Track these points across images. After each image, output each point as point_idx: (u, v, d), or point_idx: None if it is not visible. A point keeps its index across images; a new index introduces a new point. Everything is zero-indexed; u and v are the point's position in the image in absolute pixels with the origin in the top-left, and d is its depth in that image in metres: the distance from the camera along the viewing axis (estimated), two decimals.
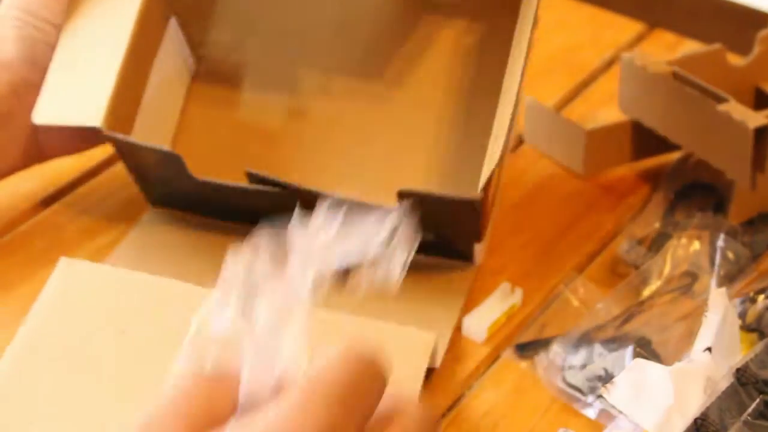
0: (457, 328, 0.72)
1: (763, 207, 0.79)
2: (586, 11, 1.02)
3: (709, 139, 0.78)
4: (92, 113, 0.72)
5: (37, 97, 0.75)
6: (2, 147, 0.76)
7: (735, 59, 0.85)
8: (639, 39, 0.99)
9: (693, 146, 0.80)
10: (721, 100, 0.76)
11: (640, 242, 0.78)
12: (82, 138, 0.78)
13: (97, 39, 0.77)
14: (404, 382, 0.66)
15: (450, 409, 0.67)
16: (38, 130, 0.77)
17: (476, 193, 0.69)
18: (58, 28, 0.77)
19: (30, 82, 0.75)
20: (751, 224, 0.78)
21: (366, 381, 0.41)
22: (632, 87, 0.82)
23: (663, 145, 0.82)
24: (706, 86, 0.77)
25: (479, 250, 0.77)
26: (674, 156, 0.84)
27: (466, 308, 0.74)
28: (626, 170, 0.84)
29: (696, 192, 0.83)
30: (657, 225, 0.79)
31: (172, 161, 0.72)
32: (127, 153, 0.75)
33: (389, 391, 0.42)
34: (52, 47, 0.76)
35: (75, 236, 0.79)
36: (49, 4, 0.77)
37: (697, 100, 0.77)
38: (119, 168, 0.81)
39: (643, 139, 0.83)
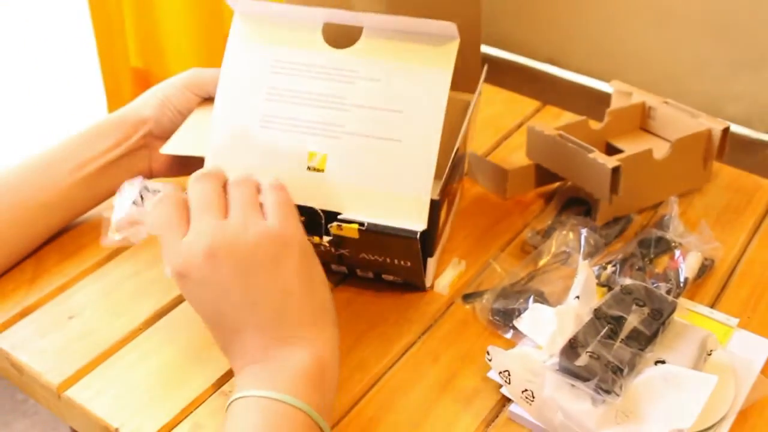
0: (431, 287, 0.74)
1: (616, 214, 0.81)
2: (505, 94, 1.02)
3: (583, 174, 0.79)
4: (202, 149, 0.70)
5: (154, 143, 0.78)
6: (130, 165, 0.78)
7: (594, 125, 0.86)
8: (536, 111, 1.00)
9: (573, 178, 0.81)
10: (590, 150, 0.78)
11: (538, 233, 0.80)
12: (181, 166, 0.80)
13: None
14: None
15: (423, 334, 0.70)
16: (153, 157, 0.79)
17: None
18: (183, 115, 0.78)
19: (154, 135, 0.78)
20: (608, 224, 0.80)
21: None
22: (535, 143, 0.83)
23: (554, 177, 0.84)
24: (580, 142, 0.79)
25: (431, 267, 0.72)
26: (561, 183, 0.86)
27: (436, 273, 0.74)
28: (532, 194, 0.86)
29: (574, 203, 0.84)
30: (549, 222, 0.81)
31: None
32: None
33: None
34: (173, 123, 0.78)
35: None
36: (182, 101, 0.79)
37: (575, 151, 0.79)
38: None
39: (542, 175, 0.84)
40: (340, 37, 0.68)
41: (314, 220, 0.67)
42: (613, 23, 1.36)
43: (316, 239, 0.67)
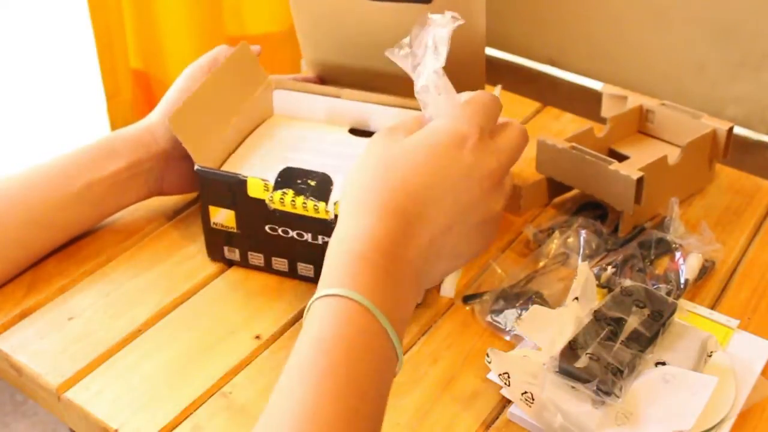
0: (436, 289, 0.74)
1: (635, 223, 0.80)
2: (505, 95, 0.93)
3: (603, 186, 0.79)
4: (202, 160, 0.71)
5: (167, 164, 0.77)
6: (140, 185, 0.77)
7: (597, 131, 0.85)
8: (536, 112, 0.99)
9: (591, 190, 0.80)
10: (609, 162, 0.78)
11: (542, 231, 0.79)
12: (193, 185, 0.80)
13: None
14: None
15: (423, 335, 0.70)
16: (164, 177, 0.78)
17: None
18: None
19: (167, 155, 0.77)
20: (615, 231, 0.80)
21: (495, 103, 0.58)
22: (546, 157, 0.82)
23: (567, 189, 0.84)
24: (598, 155, 0.78)
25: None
26: (572, 192, 0.85)
27: None
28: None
29: (589, 207, 0.83)
30: (553, 223, 0.80)
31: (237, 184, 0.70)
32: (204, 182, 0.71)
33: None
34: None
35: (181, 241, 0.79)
36: None
37: (593, 163, 0.78)
38: None
39: (554, 187, 0.84)
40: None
41: (325, 188, 0.69)
42: (614, 24, 1.37)
43: (322, 207, 0.69)
